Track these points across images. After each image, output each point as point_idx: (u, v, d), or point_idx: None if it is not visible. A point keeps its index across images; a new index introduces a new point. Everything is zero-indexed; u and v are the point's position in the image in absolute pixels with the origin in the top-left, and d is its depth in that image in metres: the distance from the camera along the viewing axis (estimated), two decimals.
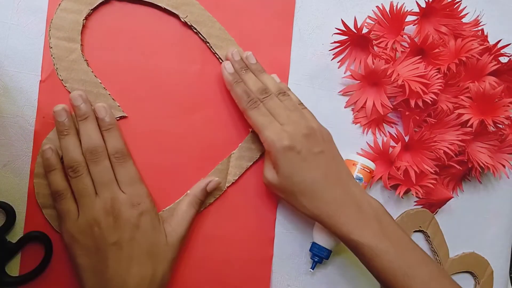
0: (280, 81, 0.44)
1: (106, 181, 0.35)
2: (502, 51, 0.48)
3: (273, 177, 0.39)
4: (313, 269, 0.44)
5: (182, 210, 0.39)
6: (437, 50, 0.45)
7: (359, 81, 0.46)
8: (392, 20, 0.46)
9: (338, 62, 0.47)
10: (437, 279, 0.37)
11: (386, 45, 0.45)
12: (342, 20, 0.44)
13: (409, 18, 0.45)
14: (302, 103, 0.42)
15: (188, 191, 0.40)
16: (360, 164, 0.44)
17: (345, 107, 0.47)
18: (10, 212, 0.36)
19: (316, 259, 0.43)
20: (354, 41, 0.46)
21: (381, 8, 0.46)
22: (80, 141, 0.36)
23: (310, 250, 0.44)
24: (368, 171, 0.44)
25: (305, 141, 0.38)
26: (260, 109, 0.39)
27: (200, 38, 0.41)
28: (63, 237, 0.35)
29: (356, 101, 0.47)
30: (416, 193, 0.46)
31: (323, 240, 0.43)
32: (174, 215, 0.39)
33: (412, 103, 0.45)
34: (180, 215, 0.39)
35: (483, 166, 0.48)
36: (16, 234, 0.36)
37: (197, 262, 0.41)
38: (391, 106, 0.46)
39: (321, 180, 0.38)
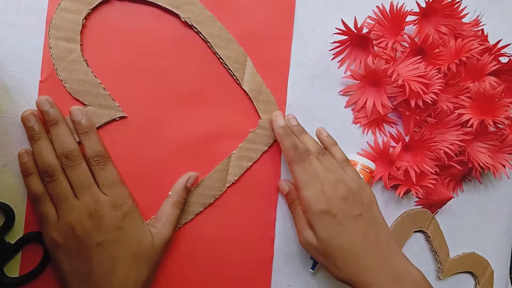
0: (327, 135, 0.43)
1: (85, 184, 0.35)
2: (502, 51, 0.48)
3: (312, 239, 0.38)
4: (313, 270, 0.44)
5: (167, 213, 0.38)
6: (437, 50, 0.45)
7: (359, 81, 0.46)
8: (392, 20, 0.46)
9: (338, 62, 0.47)
10: None
11: (386, 45, 0.45)
12: (342, 20, 0.44)
13: (409, 18, 0.45)
14: (347, 159, 0.42)
15: (170, 192, 0.39)
16: (361, 164, 0.44)
17: (345, 107, 0.47)
18: (8, 213, 0.36)
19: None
20: (354, 41, 0.46)
21: (381, 8, 0.46)
22: (53, 145, 0.35)
23: None
24: (369, 171, 0.44)
25: (343, 204, 0.37)
26: (304, 165, 0.38)
27: (200, 37, 0.41)
28: (44, 241, 0.35)
29: (356, 101, 0.47)
30: (416, 193, 0.46)
31: None
32: (158, 217, 0.38)
33: (412, 103, 0.45)
34: (165, 217, 0.38)
35: (483, 166, 0.48)
36: (16, 234, 0.36)
37: (197, 262, 0.41)
38: (391, 106, 0.46)
39: (359, 245, 0.37)
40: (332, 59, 0.47)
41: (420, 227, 0.49)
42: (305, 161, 0.39)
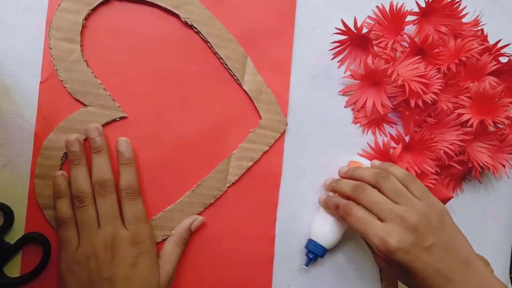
0: (380, 162, 0.43)
1: (110, 215, 0.35)
2: (502, 51, 0.48)
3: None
4: (307, 266, 0.43)
5: (168, 251, 0.38)
6: (437, 50, 0.45)
7: (359, 81, 0.46)
8: (392, 20, 0.46)
9: (338, 62, 0.47)
10: None
11: (386, 45, 0.45)
12: (342, 20, 0.44)
13: (409, 18, 0.45)
14: (409, 174, 0.39)
15: (173, 231, 0.39)
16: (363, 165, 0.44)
17: (345, 107, 0.47)
18: (8, 213, 0.36)
19: (311, 256, 0.43)
20: (354, 41, 0.46)
21: (381, 8, 0.46)
22: (89, 171, 0.36)
23: (306, 246, 0.43)
24: None
25: (413, 238, 0.35)
26: (353, 215, 0.38)
27: (200, 37, 0.41)
28: (59, 264, 0.35)
29: (356, 101, 0.47)
30: None
31: (319, 237, 0.43)
32: (160, 255, 0.38)
33: (412, 103, 0.45)
34: (167, 255, 0.38)
35: (483, 166, 0.48)
36: (16, 234, 0.36)
37: (197, 262, 0.41)
38: (391, 106, 0.46)
39: (437, 276, 0.35)
40: (332, 59, 0.47)
41: None
42: (351, 212, 0.38)
